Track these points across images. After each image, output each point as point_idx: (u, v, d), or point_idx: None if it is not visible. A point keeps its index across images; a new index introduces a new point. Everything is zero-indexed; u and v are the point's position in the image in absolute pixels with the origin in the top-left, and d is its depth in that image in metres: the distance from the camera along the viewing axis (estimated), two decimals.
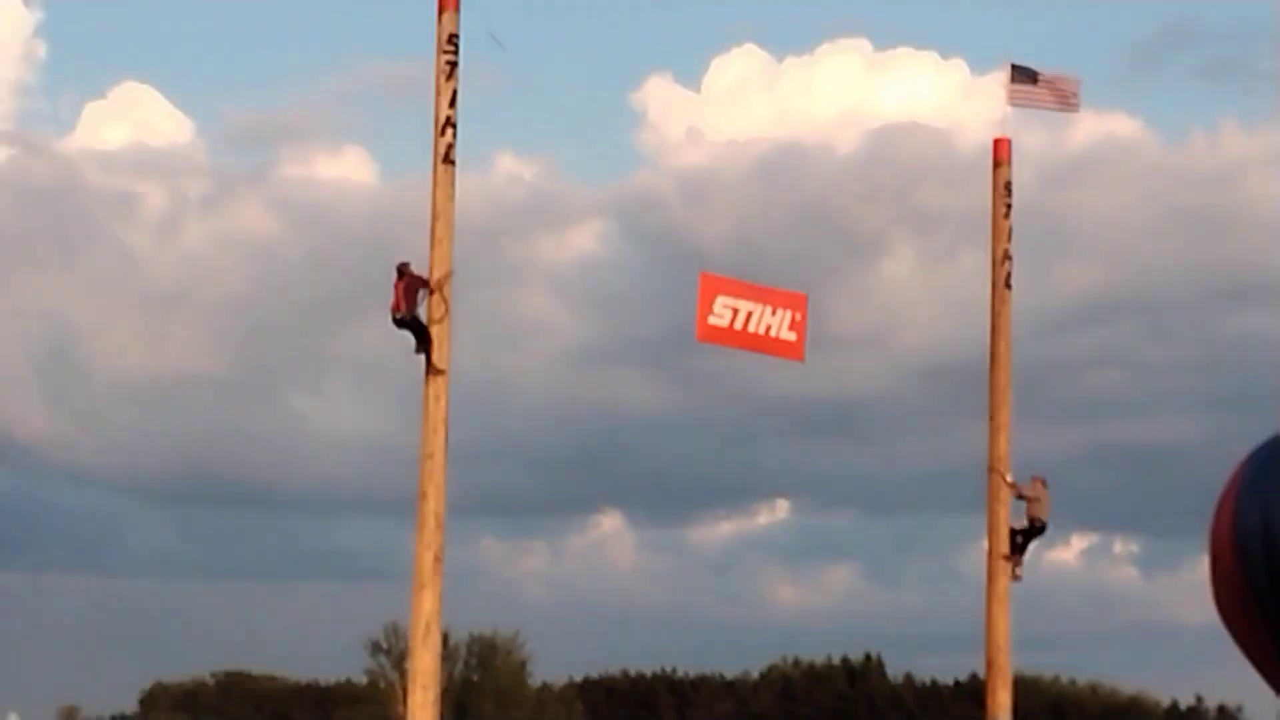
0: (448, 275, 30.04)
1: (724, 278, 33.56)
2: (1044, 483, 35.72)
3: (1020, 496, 35.57)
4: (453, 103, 30.15)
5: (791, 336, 33.81)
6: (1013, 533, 35.66)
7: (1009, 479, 35.62)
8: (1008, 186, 36.17)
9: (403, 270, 29.86)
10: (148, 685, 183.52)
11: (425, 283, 29.90)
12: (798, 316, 33.88)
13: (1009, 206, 36.11)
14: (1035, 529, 35.72)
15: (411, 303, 29.85)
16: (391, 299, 29.82)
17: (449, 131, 30.12)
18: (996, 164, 36.32)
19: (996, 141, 36.45)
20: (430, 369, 29.98)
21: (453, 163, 30.13)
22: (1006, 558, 35.54)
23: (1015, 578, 35.68)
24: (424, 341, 29.93)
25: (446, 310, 30.04)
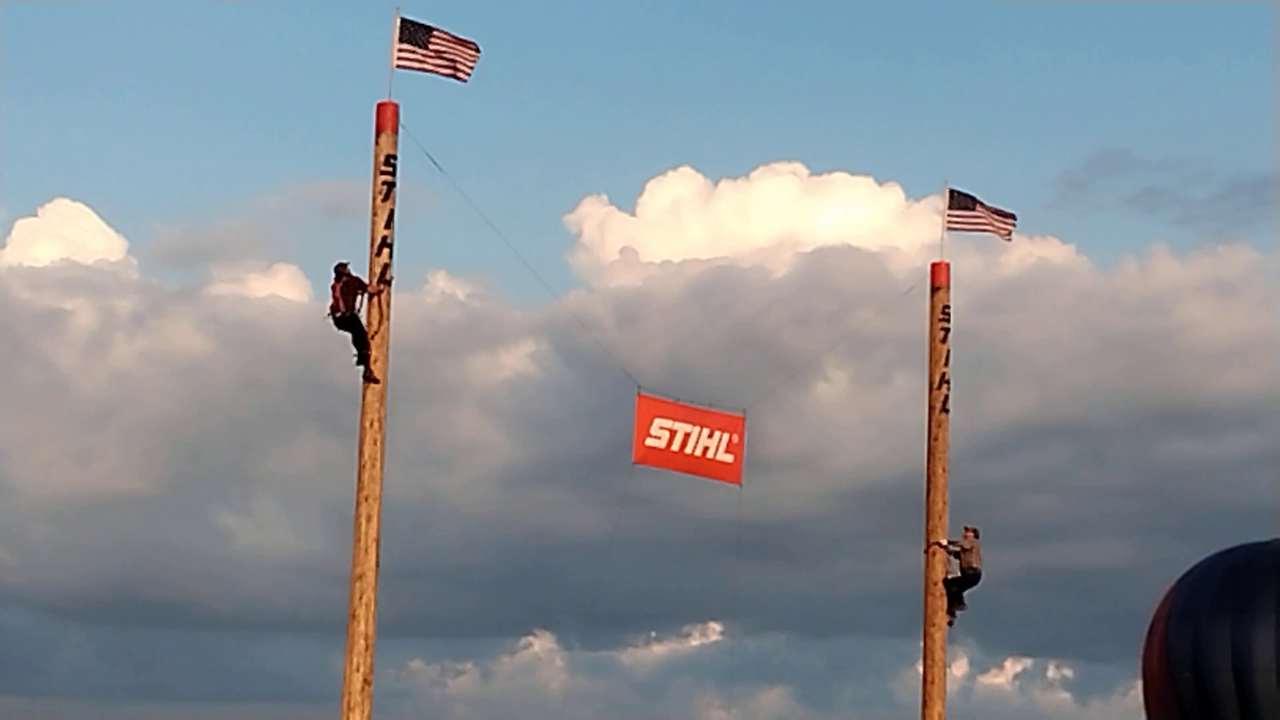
0: (388, 283, 29.97)
1: (662, 399, 33.37)
2: (975, 533, 35.59)
3: (954, 553, 35.44)
4: (389, 223, 30.08)
5: (728, 459, 33.66)
6: (947, 582, 35.49)
7: (944, 541, 35.50)
8: (945, 311, 36.20)
9: (340, 271, 29.79)
10: None
11: (364, 285, 29.83)
12: (734, 439, 33.72)
13: (946, 331, 36.15)
14: (969, 578, 35.53)
15: (350, 303, 29.74)
16: (330, 300, 29.73)
17: (385, 251, 30.02)
18: (934, 288, 36.33)
19: (934, 266, 36.47)
20: (368, 376, 29.78)
21: (389, 282, 30.02)
22: (944, 612, 35.41)
23: (950, 623, 35.53)
24: (363, 344, 29.73)
25: (384, 317, 29.92)
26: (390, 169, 30.16)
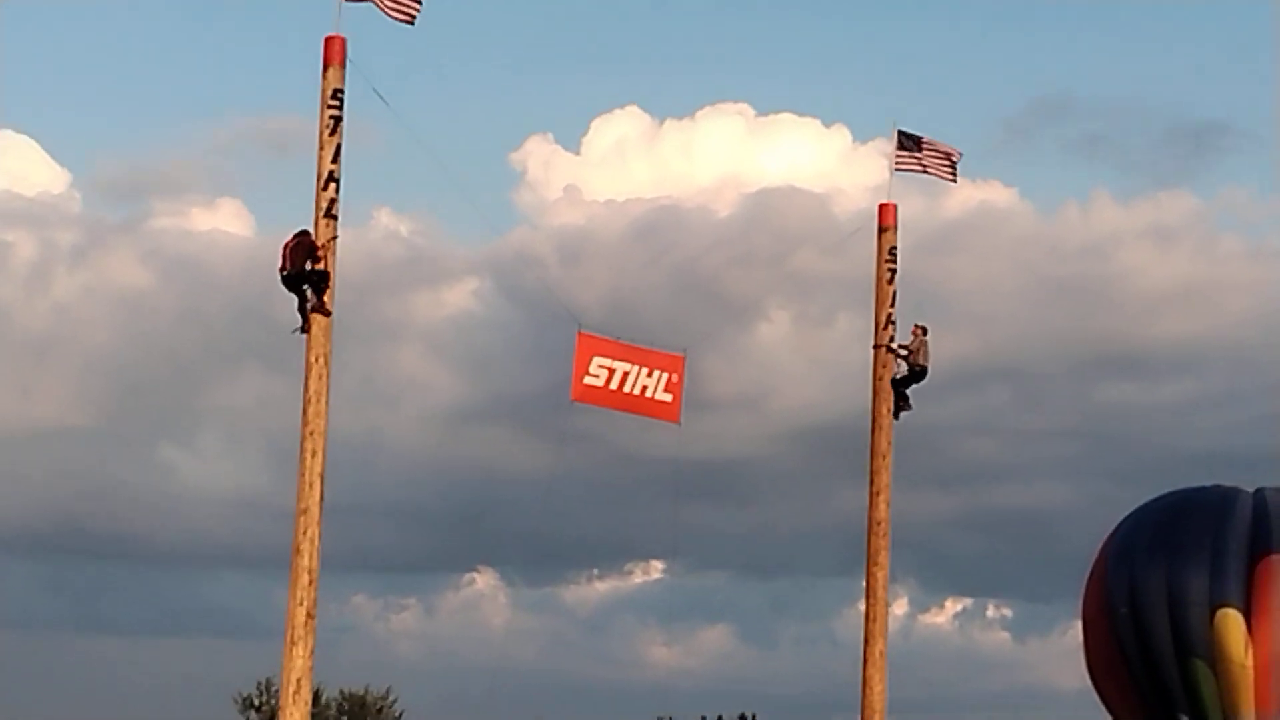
0: (331, 240, 29.93)
1: (601, 338, 33.38)
2: (924, 330, 36.03)
3: (902, 356, 35.87)
4: (336, 158, 30.00)
5: (667, 398, 33.71)
6: (894, 382, 35.91)
7: (894, 345, 35.92)
8: (892, 252, 36.25)
9: (300, 235, 29.83)
10: None
11: (315, 250, 29.77)
12: (674, 378, 33.76)
13: (893, 272, 36.20)
14: (916, 374, 35.95)
15: (299, 262, 29.73)
16: (279, 262, 29.76)
17: (332, 186, 29.94)
18: (881, 229, 36.36)
19: (882, 207, 36.48)
20: (321, 309, 29.76)
21: (335, 217, 29.95)
22: (890, 410, 35.86)
23: (900, 413, 36.05)
24: (319, 285, 29.67)
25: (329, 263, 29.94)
26: (337, 103, 30.06)
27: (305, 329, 29.89)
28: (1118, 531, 46.27)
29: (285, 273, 29.76)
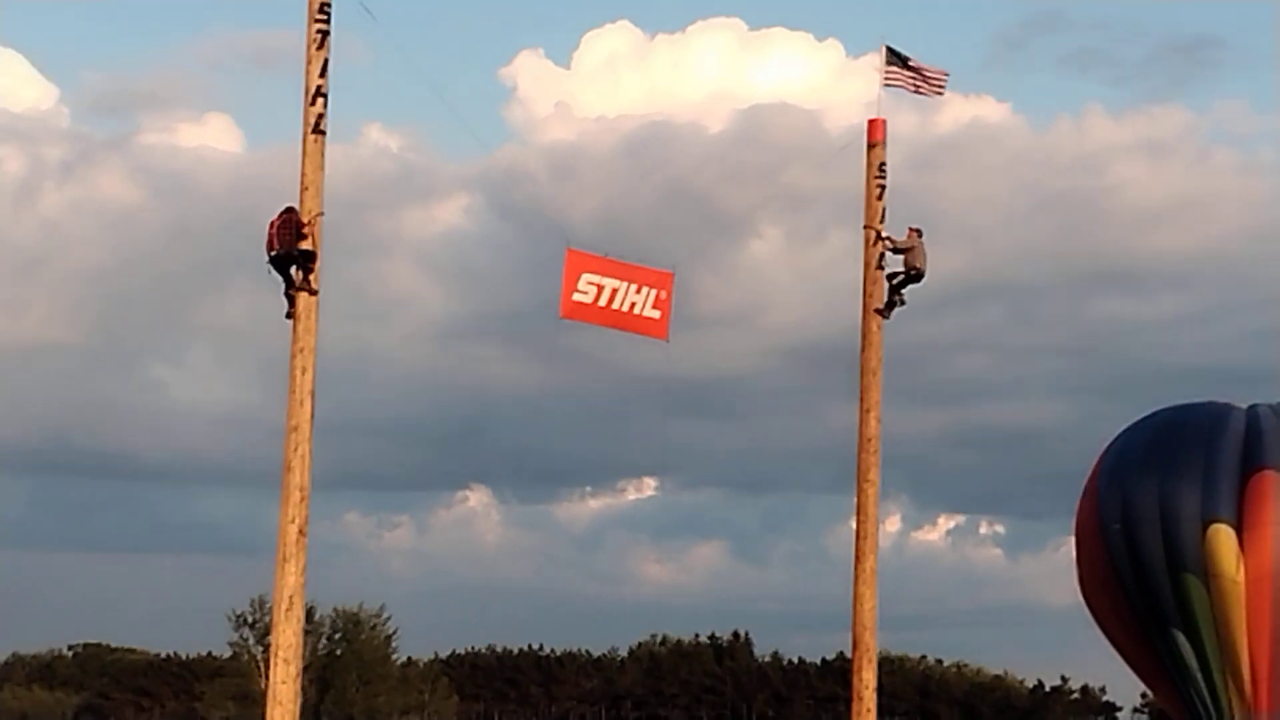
0: (318, 215, 29.73)
1: (590, 254, 33.37)
2: (919, 233, 36.00)
3: (896, 250, 35.89)
4: (323, 72, 29.88)
5: (656, 314, 33.76)
6: (889, 278, 35.94)
7: (885, 234, 35.86)
8: (881, 168, 36.18)
9: (288, 211, 29.47)
10: (3, 657, 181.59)
11: (301, 226, 29.50)
12: (663, 295, 33.80)
13: (883, 188, 36.14)
14: (911, 276, 35.93)
15: (288, 242, 29.45)
16: (265, 239, 29.43)
17: (319, 101, 29.83)
18: (871, 145, 36.29)
19: (871, 123, 36.42)
20: (306, 287, 29.54)
21: (323, 133, 29.84)
22: (879, 311, 35.85)
23: (887, 316, 35.99)
24: (306, 264, 29.44)
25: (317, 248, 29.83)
26: (325, 17, 29.89)
27: (291, 314, 29.67)
28: (1111, 448, 46.58)
29: (274, 254, 29.49)
